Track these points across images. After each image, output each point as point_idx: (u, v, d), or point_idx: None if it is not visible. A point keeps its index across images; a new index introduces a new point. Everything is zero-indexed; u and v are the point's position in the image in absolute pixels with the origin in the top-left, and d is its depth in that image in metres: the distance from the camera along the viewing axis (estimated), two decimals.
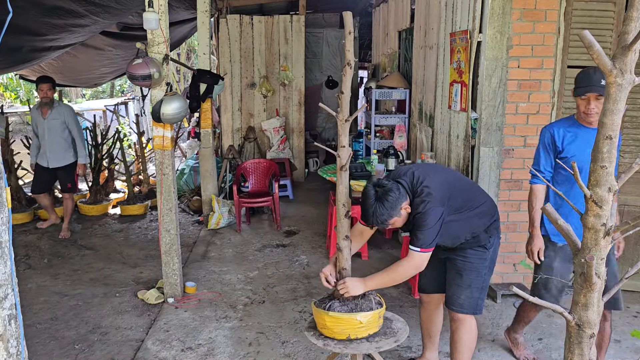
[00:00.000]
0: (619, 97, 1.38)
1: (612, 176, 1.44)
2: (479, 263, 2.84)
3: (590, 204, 1.48)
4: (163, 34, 3.90)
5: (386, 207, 2.52)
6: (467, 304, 2.88)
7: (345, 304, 2.54)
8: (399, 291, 4.43)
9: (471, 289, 2.86)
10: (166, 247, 4.25)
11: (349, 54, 2.43)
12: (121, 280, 4.85)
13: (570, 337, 1.65)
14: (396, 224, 2.64)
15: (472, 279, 2.85)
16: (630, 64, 1.36)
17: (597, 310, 1.60)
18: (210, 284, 4.67)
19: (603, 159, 1.42)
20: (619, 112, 1.40)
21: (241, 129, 8.59)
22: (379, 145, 6.47)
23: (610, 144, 1.41)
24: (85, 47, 7.10)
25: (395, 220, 2.60)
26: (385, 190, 2.54)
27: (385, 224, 2.59)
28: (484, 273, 2.87)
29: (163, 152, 4.11)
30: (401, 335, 2.56)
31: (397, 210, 2.55)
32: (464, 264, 2.86)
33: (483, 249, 2.83)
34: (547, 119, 4.14)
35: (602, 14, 4.02)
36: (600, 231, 1.49)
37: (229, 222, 6.37)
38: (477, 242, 2.82)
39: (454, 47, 4.51)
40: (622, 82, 1.37)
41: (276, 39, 8.40)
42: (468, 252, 2.84)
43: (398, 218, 2.59)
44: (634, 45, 1.34)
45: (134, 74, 3.85)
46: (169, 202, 4.18)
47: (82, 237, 6.18)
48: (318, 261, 5.16)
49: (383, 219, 2.55)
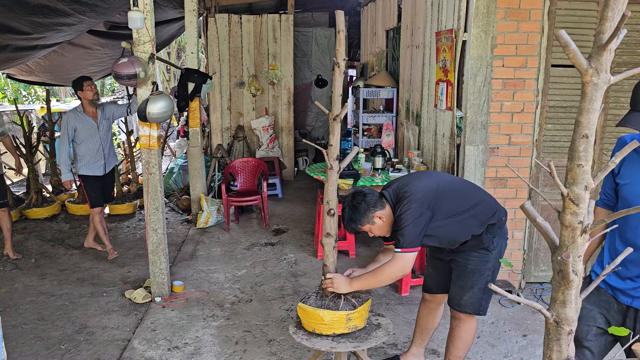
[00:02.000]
0: (595, 96, 1.40)
1: (589, 174, 1.45)
2: (481, 265, 2.83)
3: (567, 202, 1.51)
4: (149, 33, 3.90)
5: (355, 213, 2.65)
6: (469, 304, 2.89)
7: (324, 300, 2.57)
8: (385, 289, 4.46)
9: (473, 290, 2.86)
10: (153, 246, 4.25)
11: (339, 55, 2.45)
12: (109, 280, 4.84)
13: (549, 334, 1.68)
14: (373, 231, 2.72)
15: (474, 280, 2.84)
16: (606, 63, 1.39)
17: (575, 308, 1.63)
18: (198, 283, 4.67)
19: (579, 157, 1.43)
20: (595, 111, 1.42)
21: (230, 128, 8.59)
22: (367, 144, 6.49)
23: (587, 142, 1.42)
24: (72, 46, 7.06)
25: (369, 228, 2.70)
26: (359, 199, 2.67)
27: (355, 230, 2.70)
28: (487, 275, 2.85)
29: (150, 152, 4.10)
30: (368, 342, 2.54)
31: (367, 218, 2.65)
32: (466, 266, 2.85)
33: (486, 251, 2.81)
34: (531, 117, 4.19)
35: (585, 13, 4.07)
36: (577, 229, 1.50)
37: (217, 221, 6.37)
38: (480, 244, 2.79)
39: (439, 46, 4.54)
40: (597, 82, 1.39)
41: (265, 38, 8.40)
42: (471, 254, 2.83)
43: (372, 226, 2.69)
44: (608, 44, 1.37)
45: (119, 73, 3.84)
46: (155, 202, 4.18)
47: (70, 236, 6.16)
48: (305, 259, 5.18)
49: (352, 226, 2.69)
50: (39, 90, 13.61)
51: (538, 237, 4.46)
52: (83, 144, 5.11)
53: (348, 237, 5.14)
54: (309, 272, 4.87)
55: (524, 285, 4.50)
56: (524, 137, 4.22)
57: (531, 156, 4.26)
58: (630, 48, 4.10)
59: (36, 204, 6.82)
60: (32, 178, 6.85)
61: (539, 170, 4.32)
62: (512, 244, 4.38)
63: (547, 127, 4.26)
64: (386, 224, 2.70)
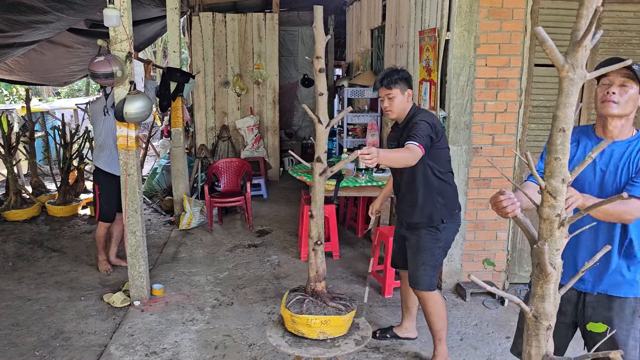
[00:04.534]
0: (571, 91, 1.42)
1: (566, 168, 1.46)
2: (432, 243, 3.12)
3: (545, 194, 1.50)
4: (126, 31, 3.81)
5: (398, 74, 3.02)
6: (423, 282, 3.15)
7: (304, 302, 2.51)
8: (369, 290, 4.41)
9: (425, 267, 3.13)
10: (132, 249, 4.16)
11: (317, 62, 2.39)
12: (87, 283, 4.74)
13: (528, 329, 1.67)
14: (395, 101, 3.03)
15: (425, 257, 3.12)
16: (581, 59, 1.40)
17: (554, 302, 1.61)
18: (179, 286, 4.59)
19: (557, 150, 1.44)
20: (571, 105, 1.43)
21: (215, 127, 8.50)
22: (351, 144, 6.44)
23: (564, 136, 1.42)
24: (52, 45, 6.92)
25: (396, 94, 3.02)
26: (405, 70, 3.11)
27: (388, 83, 3.00)
28: (437, 253, 3.14)
29: (128, 152, 4.01)
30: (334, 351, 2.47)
31: (403, 85, 3.02)
32: (417, 243, 3.15)
33: (435, 230, 3.11)
34: (514, 117, 4.16)
35: (568, 12, 4.04)
36: (555, 222, 1.51)
37: (200, 223, 6.29)
38: (431, 223, 3.11)
39: (423, 45, 4.50)
40: (573, 77, 1.40)
41: (250, 37, 8.32)
42: (422, 232, 3.13)
43: (399, 94, 3.02)
44: (583, 41, 1.36)
45: (95, 72, 3.75)
46: (134, 203, 4.10)
47: (50, 239, 6.03)
48: (289, 261, 5.11)
49: (388, 79, 3.00)
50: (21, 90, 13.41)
51: (522, 237, 4.43)
52: (106, 129, 4.60)
53: (332, 239, 5.08)
54: (291, 274, 4.81)
55: (507, 286, 4.48)
56: (508, 137, 4.19)
57: (514, 156, 4.23)
58: (612, 47, 4.09)
59: (15, 205, 6.68)
60: (11, 179, 6.71)
61: (522, 171, 4.29)
62: (496, 244, 4.36)
63: (531, 126, 4.23)
64: (402, 106, 3.06)
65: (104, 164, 4.76)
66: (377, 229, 4.50)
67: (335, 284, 4.54)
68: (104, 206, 4.86)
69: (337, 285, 4.50)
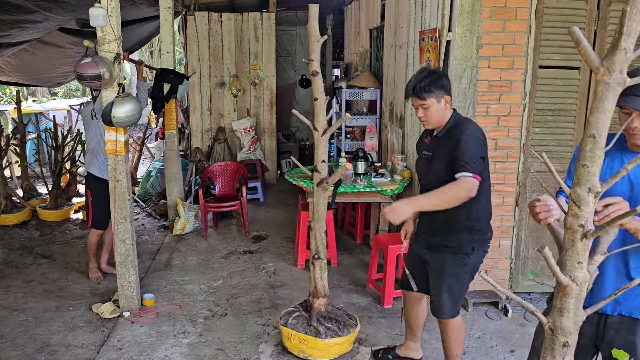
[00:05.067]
0: (606, 96, 1.32)
1: (595, 177, 1.38)
2: (458, 269, 2.79)
3: (570, 203, 1.43)
4: (114, 31, 3.65)
5: (433, 79, 2.61)
6: (446, 309, 2.85)
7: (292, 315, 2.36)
8: (368, 300, 4.26)
9: (449, 293, 2.82)
10: (121, 258, 4.00)
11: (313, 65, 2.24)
12: (77, 292, 4.58)
13: (545, 342, 1.59)
14: (430, 110, 2.64)
15: (450, 283, 2.81)
16: (620, 63, 1.29)
17: (574, 319, 1.52)
18: (171, 295, 4.43)
19: (585, 157, 1.37)
20: (605, 111, 1.33)
21: (211, 129, 8.34)
22: (350, 147, 6.29)
23: (594, 143, 1.34)
24: (43, 45, 6.76)
25: (431, 103, 2.63)
26: (442, 74, 2.68)
27: (422, 92, 2.60)
28: (463, 279, 2.83)
29: (116, 157, 3.86)
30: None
31: (440, 91, 2.62)
32: (441, 268, 2.82)
33: (464, 256, 2.77)
34: (518, 120, 4.01)
35: (574, 12, 3.90)
36: (578, 232, 1.43)
37: (195, 228, 6.13)
38: (460, 250, 2.77)
39: (423, 46, 4.34)
40: (609, 81, 1.30)
41: (246, 37, 8.16)
42: (447, 256, 2.80)
43: (435, 103, 2.63)
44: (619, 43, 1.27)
45: (82, 74, 3.59)
46: (123, 211, 3.94)
47: (40, 244, 5.88)
48: (285, 269, 4.96)
49: (422, 87, 2.60)
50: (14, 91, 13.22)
51: (526, 245, 4.29)
52: (99, 133, 4.34)
53: (330, 246, 4.92)
54: (287, 282, 4.65)
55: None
56: (511, 142, 4.04)
57: (518, 161, 4.08)
58: None
59: (5, 210, 6.52)
60: (0, 183, 6.55)
61: (526, 176, 4.14)
62: (499, 252, 4.21)
63: (535, 130, 4.08)
64: (440, 114, 2.68)
65: (97, 169, 4.59)
66: (376, 237, 4.35)
67: (334, 293, 4.38)
68: (96, 213, 4.69)
69: (335, 294, 4.34)
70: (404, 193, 4.93)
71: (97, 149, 4.52)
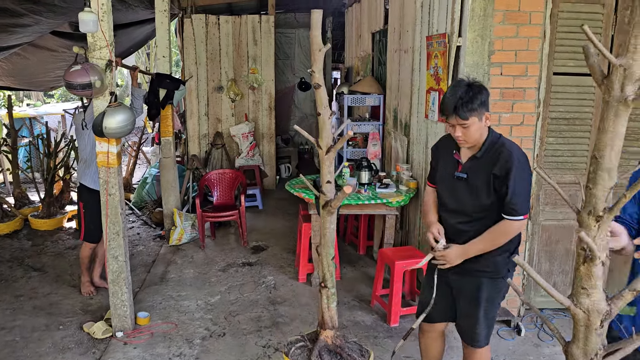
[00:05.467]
0: (607, 115, 1.27)
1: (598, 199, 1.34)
2: (495, 294, 2.59)
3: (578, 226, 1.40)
4: (105, 37, 3.45)
5: (475, 94, 2.33)
6: (482, 337, 2.64)
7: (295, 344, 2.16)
8: (372, 319, 4.06)
9: (486, 320, 2.61)
10: (114, 275, 3.79)
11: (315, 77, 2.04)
12: (67, 309, 4.37)
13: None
14: (471, 130, 2.37)
15: (488, 309, 2.59)
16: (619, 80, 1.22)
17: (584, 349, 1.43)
18: (167, 313, 4.22)
19: (589, 178, 1.35)
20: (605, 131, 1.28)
21: (208, 134, 8.13)
22: (352, 154, 6.09)
23: (596, 164, 1.32)
24: (35, 48, 6.55)
25: (472, 121, 2.35)
26: (484, 88, 2.40)
27: (464, 112, 2.32)
28: (497, 303, 2.65)
29: (108, 170, 3.65)
30: None
31: (482, 108, 2.36)
32: (478, 295, 2.57)
33: (501, 279, 2.56)
34: (531, 130, 3.82)
35: (591, 16, 3.70)
36: (580, 256, 1.40)
37: (192, 238, 5.92)
38: (496, 274, 2.55)
39: (430, 51, 4.15)
40: (608, 99, 1.26)
41: (244, 40, 7.96)
42: (483, 281, 2.56)
43: (477, 122, 2.36)
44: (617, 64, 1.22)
45: (71, 83, 3.39)
46: (116, 226, 3.73)
47: (31, 255, 5.66)
48: (286, 283, 4.75)
49: (466, 107, 2.32)
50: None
51: (538, 259, 4.10)
52: (92, 143, 4.04)
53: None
54: (289, 298, 4.45)
55: (523, 313, 4.14)
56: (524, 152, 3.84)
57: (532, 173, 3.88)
58: None
59: None
60: None
61: (540, 188, 3.95)
62: None
63: (549, 140, 3.89)
64: (479, 133, 2.41)
65: (89, 180, 4.36)
66: (381, 251, 4.15)
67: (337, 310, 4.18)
68: (89, 226, 4.45)
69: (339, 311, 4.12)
70: (410, 204, 4.74)
71: (90, 159, 4.31)
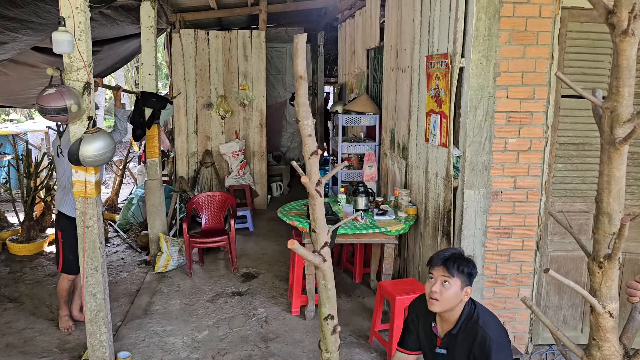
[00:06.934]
0: (601, 159, 1.42)
1: (599, 244, 1.40)
2: None
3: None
4: (82, 57, 3.19)
5: (466, 262, 2.31)
6: None
7: None
8: (372, 357, 3.79)
9: None
10: (91, 314, 3.50)
11: (303, 126, 1.80)
12: (43, 347, 4.06)
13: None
14: (449, 289, 2.26)
15: None
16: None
17: None
18: (150, 352, 3.92)
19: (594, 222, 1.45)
20: (601, 174, 1.41)
21: (197, 153, 7.86)
22: (347, 175, 5.84)
23: (598, 208, 1.40)
24: (16, 65, 6.27)
25: (455, 282, 2.27)
26: (472, 259, 2.37)
27: (452, 268, 2.27)
28: None
29: (86, 200, 3.37)
30: None
31: (468, 277, 2.29)
32: None
33: None
34: (539, 156, 3.59)
35: (600, 36, 3.51)
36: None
37: (179, 264, 5.63)
38: None
39: (431, 72, 3.93)
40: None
41: (235, 56, 7.72)
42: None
43: (459, 285, 2.27)
44: None
45: (45, 107, 3.11)
46: (94, 261, 3.44)
47: (8, 284, 5.34)
48: (278, 316, 4.47)
49: (458, 261, 2.28)
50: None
51: (547, 293, 3.86)
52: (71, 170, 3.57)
53: None
54: (281, 334, 4.16)
55: (531, 349, 3.89)
56: (532, 179, 3.62)
57: (539, 201, 3.66)
58: None
59: None
60: None
61: (548, 217, 3.72)
62: (518, 302, 3.77)
63: (557, 167, 3.67)
64: (453, 302, 2.29)
65: (68, 208, 4.05)
66: (380, 284, 3.89)
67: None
68: (67, 256, 4.14)
69: None
70: (409, 231, 4.49)
71: (69, 185, 3.99)
